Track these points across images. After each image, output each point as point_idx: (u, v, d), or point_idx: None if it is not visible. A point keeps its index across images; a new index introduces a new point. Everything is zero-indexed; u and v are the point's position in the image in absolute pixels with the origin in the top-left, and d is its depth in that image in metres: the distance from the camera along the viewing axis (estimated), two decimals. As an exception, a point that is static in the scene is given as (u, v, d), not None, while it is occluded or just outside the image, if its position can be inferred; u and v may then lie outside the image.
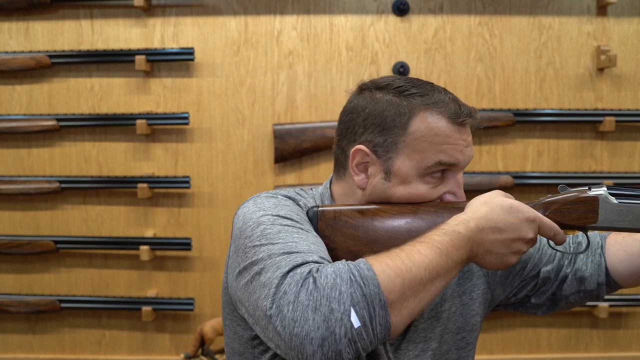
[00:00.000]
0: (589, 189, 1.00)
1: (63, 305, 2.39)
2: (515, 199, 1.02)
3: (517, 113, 2.38)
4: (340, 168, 1.10)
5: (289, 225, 0.95)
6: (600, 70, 2.43)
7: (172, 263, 2.46)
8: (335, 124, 1.13)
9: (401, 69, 2.41)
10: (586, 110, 2.40)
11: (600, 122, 2.38)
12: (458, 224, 0.93)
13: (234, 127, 2.44)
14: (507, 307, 1.26)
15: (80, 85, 2.43)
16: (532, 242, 0.96)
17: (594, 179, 2.38)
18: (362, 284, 0.81)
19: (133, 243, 2.38)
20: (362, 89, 1.09)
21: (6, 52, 2.38)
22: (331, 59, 2.43)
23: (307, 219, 1.01)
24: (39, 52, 2.37)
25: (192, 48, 2.36)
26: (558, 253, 1.17)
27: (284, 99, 2.43)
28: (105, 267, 2.46)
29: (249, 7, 2.42)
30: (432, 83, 1.08)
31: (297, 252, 0.88)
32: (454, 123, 1.04)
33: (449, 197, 1.05)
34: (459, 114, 1.04)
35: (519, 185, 2.38)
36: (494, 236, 0.93)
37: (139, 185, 2.35)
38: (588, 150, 2.45)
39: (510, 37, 2.43)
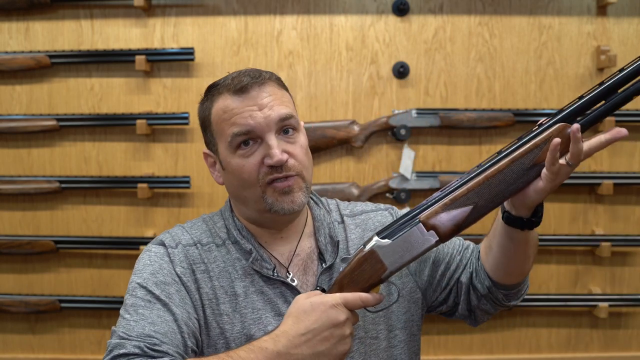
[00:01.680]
0: (364, 246, 1.03)
1: (63, 305, 2.39)
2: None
3: (517, 113, 2.38)
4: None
5: (140, 297, 1.06)
6: (600, 70, 2.43)
7: (172, 263, 2.46)
8: (336, 123, 1.18)
9: (401, 69, 2.41)
10: (586, 110, 2.39)
11: (600, 122, 2.38)
12: (267, 340, 0.96)
13: (234, 127, 2.43)
14: (445, 314, 1.27)
15: (80, 85, 2.43)
16: (350, 321, 0.98)
17: (594, 178, 2.38)
18: None
19: (133, 243, 2.38)
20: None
21: (6, 52, 2.38)
22: (331, 59, 2.43)
23: (167, 272, 1.10)
24: (39, 52, 2.37)
25: (192, 48, 2.36)
26: (460, 266, 1.21)
27: (284, 99, 2.43)
28: (105, 267, 2.46)
29: (249, 7, 2.42)
30: (243, 69, 1.15)
31: (128, 339, 1.02)
32: (234, 94, 1.10)
33: (267, 161, 1.08)
34: (237, 84, 1.10)
35: (519, 185, 2.38)
36: (310, 342, 0.96)
37: (139, 185, 2.35)
38: (588, 150, 2.45)
39: (510, 37, 2.43)
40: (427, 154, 2.44)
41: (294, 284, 1.13)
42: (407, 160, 2.40)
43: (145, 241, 2.37)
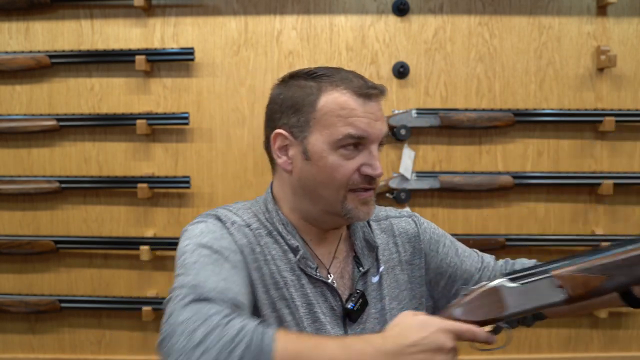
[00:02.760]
0: (489, 282, 1.02)
1: (63, 305, 2.39)
2: (516, 199, 1.03)
3: (517, 113, 2.38)
4: (272, 163, 1.16)
5: (206, 256, 0.99)
6: (600, 70, 2.43)
7: (172, 263, 2.45)
8: None
9: (401, 69, 2.41)
10: (586, 110, 2.40)
11: (600, 122, 2.38)
12: (375, 337, 0.93)
13: (234, 127, 2.44)
14: None
15: (80, 85, 2.43)
16: (454, 351, 0.95)
17: (594, 179, 2.38)
18: (256, 353, 0.83)
19: (133, 243, 2.38)
20: (279, 81, 1.16)
21: (6, 52, 2.38)
22: (331, 59, 2.43)
23: (232, 242, 1.04)
24: (39, 52, 2.37)
25: (192, 48, 2.36)
26: (477, 273, 1.24)
27: (284, 99, 2.43)
28: (105, 267, 2.46)
29: (249, 7, 2.42)
30: (344, 69, 1.13)
31: (203, 288, 0.91)
32: (359, 96, 1.07)
33: (366, 170, 1.07)
34: (363, 87, 1.07)
35: (519, 185, 2.38)
36: (414, 356, 0.92)
37: (139, 185, 2.35)
38: (588, 150, 2.45)
39: (510, 37, 2.43)
40: (427, 154, 2.44)
41: (334, 285, 1.12)
42: (407, 160, 2.40)
43: (145, 241, 2.37)
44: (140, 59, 2.33)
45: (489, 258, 1.30)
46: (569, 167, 2.44)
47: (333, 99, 1.07)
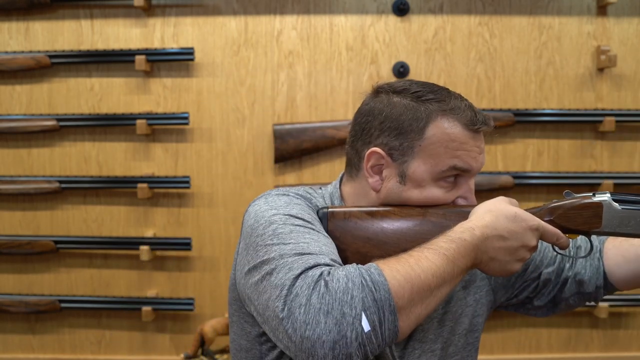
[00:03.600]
0: (594, 195, 1.01)
1: (63, 305, 2.39)
2: (516, 199, 1.04)
3: (517, 113, 2.38)
4: (353, 169, 1.11)
5: (300, 225, 0.96)
6: (600, 70, 2.43)
7: (172, 263, 2.46)
8: (336, 123, 1.15)
9: (401, 69, 2.41)
10: (586, 110, 2.40)
11: (600, 122, 2.38)
12: (464, 232, 0.94)
13: (234, 127, 2.44)
14: (508, 307, 1.26)
15: (80, 85, 2.43)
16: (535, 249, 0.98)
17: (594, 179, 2.38)
18: (373, 289, 0.82)
19: (133, 243, 2.38)
20: (379, 91, 1.10)
21: (6, 52, 2.38)
22: (331, 59, 2.43)
23: (317, 218, 1.02)
24: (39, 52, 2.37)
25: (192, 48, 2.36)
26: (558, 256, 1.19)
27: (284, 99, 2.43)
28: (105, 267, 2.46)
29: (249, 7, 2.42)
30: (448, 89, 1.09)
31: (309, 254, 0.89)
32: (469, 130, 1.04)
33: (461, 202, 1.07)
34: (475, 122, 1.04)
35: (519, 185, 2.38)
36: (498, 244, 0.95)
37: (139, 185, 2.35)
38: (588, 150, 2.45)
39: (510, 37, 2.43)
40: (427, 154, 2.44)
41: None
42: (407, 160, 2.40)
43: (145, 241, 2.37)
44: (140, 59, 2.33)
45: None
46: (569, 167, 2.44)
47: (443, 129, 1.03)
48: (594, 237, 1.20)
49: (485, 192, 2.39)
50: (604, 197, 1.01)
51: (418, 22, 2.42)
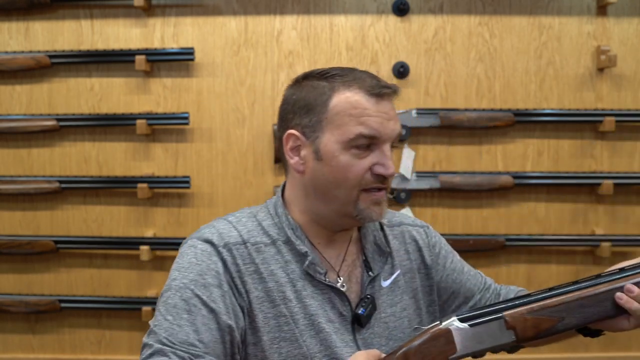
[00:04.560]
0: (440, 322, 1.01)
1: (63, 305, 2.39)
2: (516, 199, 1.04)
3: (517, 113, 2.38)
4: (284, 163, 1.15)
5: (185, 300, 1.02)
6: (600, 70, 2.43)
7: (172, 263, 2.45)
8: None
9: (401, 69, 2.41)
10: (586, 110, 2.40)
11: (600, 122, 2.38)
12: None
13: (234, 127, 2.44)
14: None
15: (80, 85, 2.43)
16: None
17: (594, 179, 2.38)
18: None
19: (133, 243, 2.38)
20: (292, 82, 1.15)
21: (6, 52, 2.38)
22: (331, 59, 2.43)
23: (216, 274, 1.05)
24: (39, 52, 2.37)
25: (192, 48, 2.36)
26: (477, 304, 1.24)
27: (284, 99, 2.43)
28: (105, 267, 2.46)
29: (249, 7, 2.42)
30: (357, 68, 1.14)
31: (172, 346, 0.97)
32: (371, 95, 1.07)
33: (378, 169, 1.07)
34: (376, 86, 1.08)
35: (519, 185, 2.38)
36: None
37: (139, 185, 2.35)
38: (588, 150, 2.45)
39: (510, 37, 2.43)
40: (427, 154, 2.44)
41: (343, 289, 1.11)
42: (407, 160, 2.40)
43: (145, 241, 2.37)
44: (140, 59, 2.33)
45: (490, 281, 1.30)
46: (569, 167, 2.44)
47: (345, 98, 1.07)
48: (491, 281, 1.29)
49: (485, 192, 2.40)
50: (450, 320, 1.00)
51: (418, 22, 2.42)
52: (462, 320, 0.99)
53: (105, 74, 2.43)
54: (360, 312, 1.09)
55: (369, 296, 1.11)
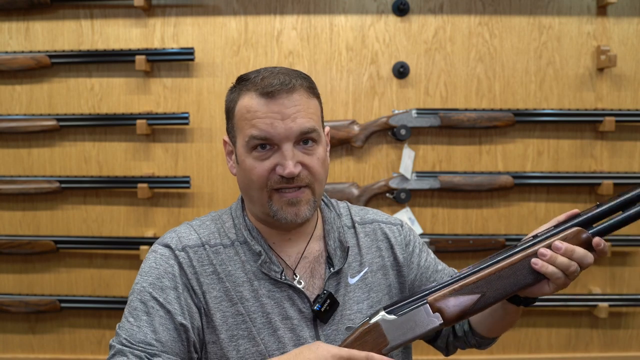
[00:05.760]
0: (370, 318, 1.04)
1: (63, 305, 2.39)
2: (516, 199, 1.05)
3: (517, 113, 2.38)
4: None
5: (144, 303, 1.07)
6: (600, 70, 2.43)
7: (172, 263, 2.46)
8: (335, 123, 1.17)
9: (401, 69, 2.41)
10: (586, 110, 2.40)
11: (600, 122, 2.38)
12: None
13: (234, 127, 2.43)
14: (426, 341, 1.30)
15: (80, 85, 2.43)
16: None
17: (594, 179, 2.38)
18: None
19: (133, 243, 2.38)
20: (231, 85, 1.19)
21: (6, 52, 2.38)
22: (331, 59, 2.43)
23: (172, 277, 1.09)
24: (39, 52, 2.37)
25: (192, 48, 2.36)
26: None
27: (284, 99, 2.43)
28: (105, 267, 2.46)
29: (249, 7, 2.42)
30: (277, 67, 1.13)
31: (130, 346, 1.03)
32: (261, 96, 1.07)
33: (278, 170, 1.07)
34: (266, 86, 1.07)
35: (519, 185, 2.38)
36: None
37: (139, 185, 2.35)
38: (588, 150, 2.45)
39: (510, 37, 2.43)
40: (427, 154, 2.44)
41: (300, 286, 1.12)
42: (407, 160, 2.40)
43: (145, 241, 2.37)
44: (140, 59, 2.33)
45: None
46: (569, 167, 2.44)
47: (242, 102, 1.09)
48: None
49: (485, 192, 2.40)
50: (378, 315, 1.03)
51: (418, 22, 2.42)
52: (389, 312, 1.03)
53: (105, 74, 2.43)
54: (316, 308, 1.11)
55: (325, 291, 1.12)
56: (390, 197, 2.41)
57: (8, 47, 2.42)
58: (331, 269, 1.15)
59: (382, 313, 1.03)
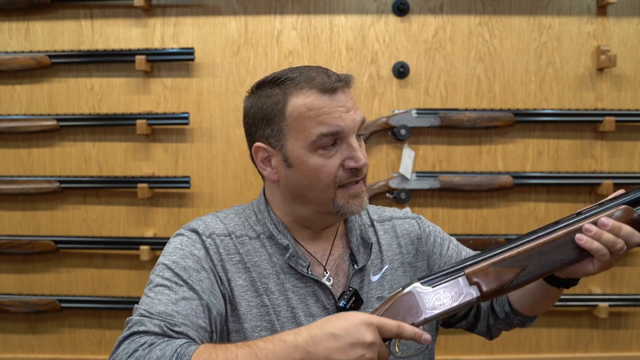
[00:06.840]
0: (403, 288, 1.00)
1: (63, 305, 2.39)
2: (516, 199, 1.04)
3: (517, 113, 2.38)
4: (259, 173, 1.17)
5: (167, 279, 1.04)
6: (600, 70, 2.43)
7: (172, 263, 2.46)
8: None
9: (401, 69, 2.41)
10: (586, 110, 2.40)
11: (600, 122, 2.38)
12: (288, 333, 0.93)
13: (234, 127, 2.43)
14: (465, 328, 1.30)
15: (80, 85, 2.43)
16: (376, 346, 0.92)
17: (594, 179, 2.38)
18: None
19: (133, 243, 2.38)
20: (248, 93, 1.16)
21: (6, 52, 2.38)
22: (331, 59, 2.43)
23: (197, 259, 1.07)
24: (39, 52, 2.37)
25: (192, 48, 2.36)
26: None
27: (284, 99, 2.43)
28: (105, 267, 2.46)
29: (249, 7, 2.42)
30: (309, 65, 1.13)
31: (149, 316, 0.98)
32: (324, 93, 1.07)
33: (349, 163, 1.07)
34: (326, 83, 1.07)
35: (519, 185, 2.38)
36: (329, 344, 0.90)
37: (139, 185, 2.35)
38: (588, 150, 2.45)
39: (510, 37, 2.43)
40: (427, 154, 2.44)
41: (329, 283, 1.12)
42: (407, 160, 2.40)
43: (145, 241, 2.37)
44: (140, 59, 2.33)
45: None
46: (569, 167, 2.44)
47: (300, 102, 1.07)
48: None
49: (485, 192, 2.40)
50: (412, 285, 0.99)
51: (418, 22, 2.42)
52: (423, 284, 0.99)
53: (105, 74, 2.43)
54: (341, 304, 1.10)
55: (350, 289, 1.12)
56: (390, 197, 2.41)
57: (8, 47, 2.42)
58: (355, 266, 1.15)
59: (417, 283, 0.99)
